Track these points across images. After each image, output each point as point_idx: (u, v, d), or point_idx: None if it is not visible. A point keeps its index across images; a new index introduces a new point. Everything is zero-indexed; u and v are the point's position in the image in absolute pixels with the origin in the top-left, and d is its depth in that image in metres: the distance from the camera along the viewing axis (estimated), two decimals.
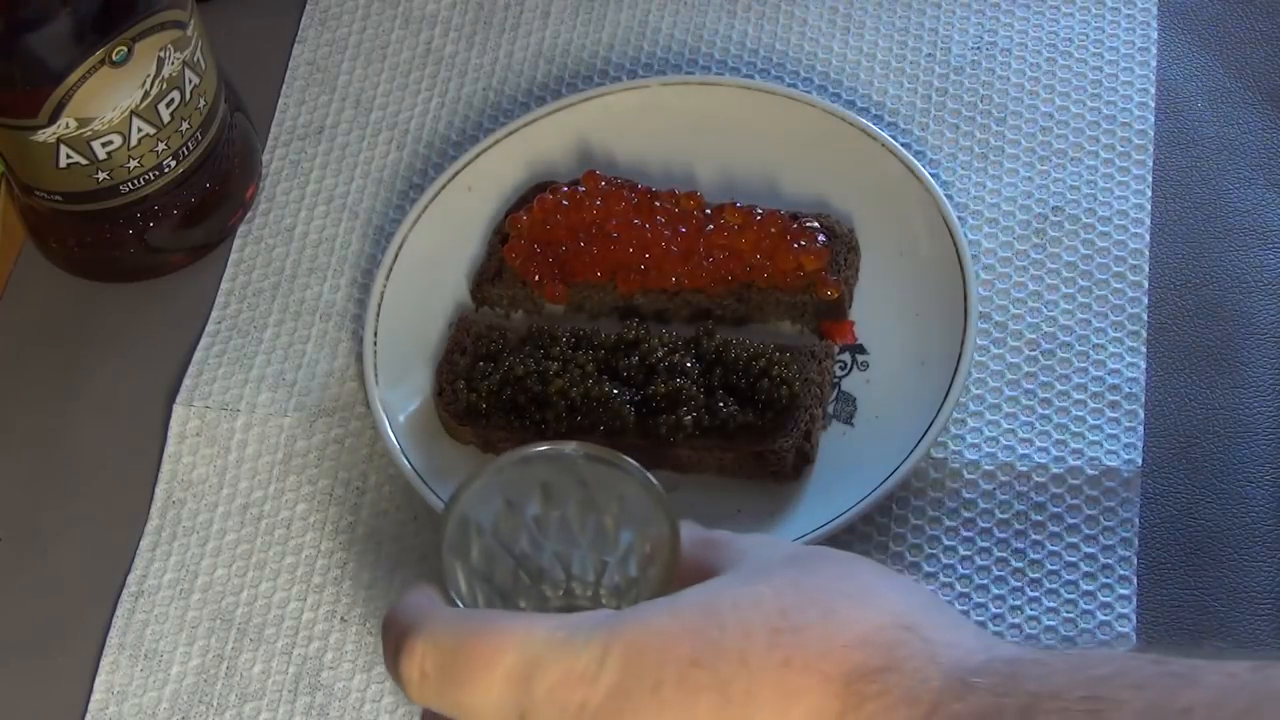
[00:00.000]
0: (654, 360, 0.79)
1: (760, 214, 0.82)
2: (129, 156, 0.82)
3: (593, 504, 0.63)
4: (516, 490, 0.63)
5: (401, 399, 0.81)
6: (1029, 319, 0.83)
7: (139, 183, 0.84)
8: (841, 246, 0.83)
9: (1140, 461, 0.78)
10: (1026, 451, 0.79)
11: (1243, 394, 0.80)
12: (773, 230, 0.82)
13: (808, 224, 0.82)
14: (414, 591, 0.58)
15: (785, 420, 0.77)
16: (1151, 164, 0.87)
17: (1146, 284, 0.83)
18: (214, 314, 0.87)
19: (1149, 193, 0.86)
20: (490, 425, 0.79)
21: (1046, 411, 0.80)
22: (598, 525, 0.64)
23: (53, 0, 0.76)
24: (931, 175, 0.85)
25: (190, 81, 0.83)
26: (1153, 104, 0.89)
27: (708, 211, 0.83)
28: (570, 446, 0.60)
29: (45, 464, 0.84)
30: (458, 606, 0.61)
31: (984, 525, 0.77)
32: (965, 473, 0.78)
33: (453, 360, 0.82)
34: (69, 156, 0.81)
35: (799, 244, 0.81)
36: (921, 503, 0.78)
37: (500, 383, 0.79)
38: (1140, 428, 0.79)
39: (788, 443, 0.77)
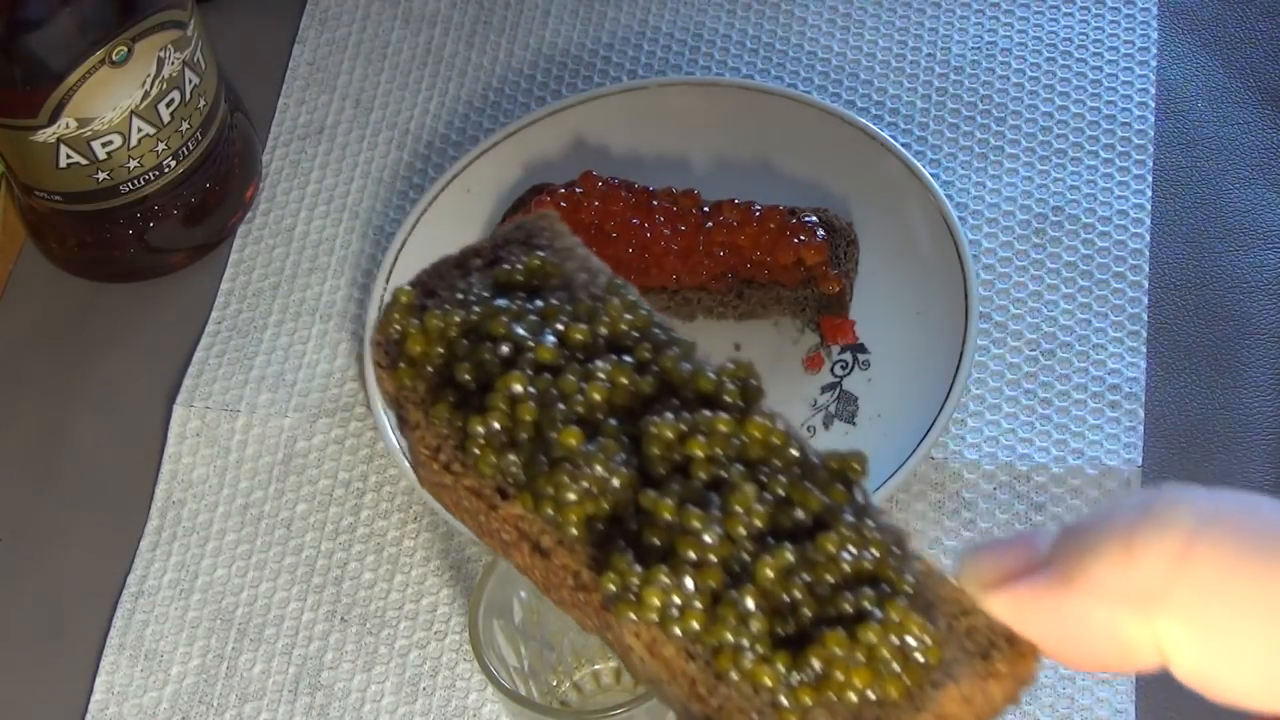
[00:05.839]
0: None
1: (759, 210, 0.82)
2: (129, 156, 0.82)
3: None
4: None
5: None
6: (1029, 319, 0.83)
7: (139, 183, 0.84)
8: (841, 240, 0.83)
9: (1140, 461, 0.78)
10: (1026, 451, 0.79)
11: (1243, 394, 0.80)
12: (772, 226, 0.82)
13: (806, 218, 0.82)
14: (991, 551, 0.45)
15: None
16: (1151, 164, 0.87)
17: (1146, 284, 0.83)
18: (214, 314, 0.87)
19: (1149, 193, 0.86)
20: None
21: (1046, 411, 0.80)
22: None
23: (53, 0, 0.76)
24: (931, 175, 0.85)
25: (190, 81, 0.83)
26: (1153, 104, 0.89)
27: (706, 209, 0.83)
28: None
29: (45, 464, 0.84)
30: (493, 669, 0.64)
31: (984, 525, 0.77)
32: (965, 473, 0.78)
33: None
34: (69, 156, 0.81)
35: (798, 239, 0.81)
36: (921, 503, 0.78)
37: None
38: (1140, 428, 0.79)
39: None
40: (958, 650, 0.41)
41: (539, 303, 0.46)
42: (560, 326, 0.45)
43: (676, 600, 0.41)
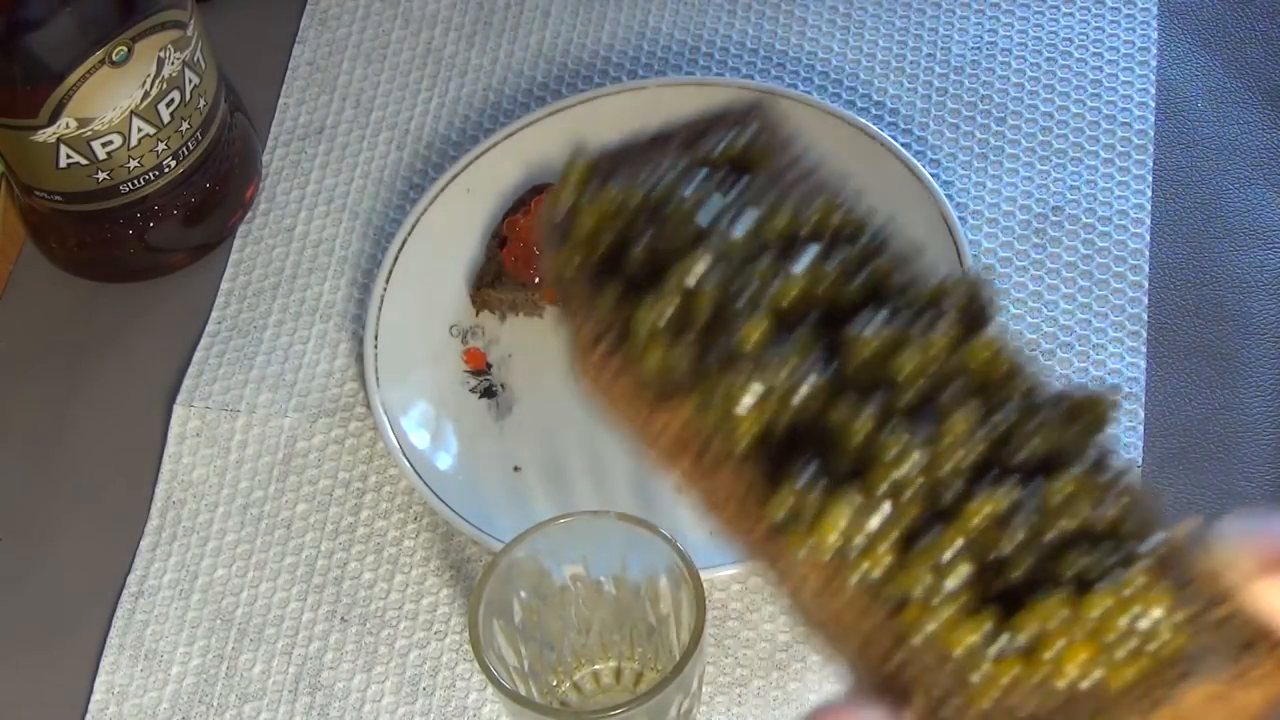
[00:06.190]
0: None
1: None
2: (129, 156, 0.82)
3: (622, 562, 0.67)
4: (556, 552, 0.67)
5: (401, 399, 0.81)
6: (1029, 319, 0.83)
7: (139, 183, 0.84)
8: None
9: (1140, 461, 0.78)
10: None
11: (1243, 394, 0.80)
12: None
13: None
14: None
15: None
16: (1151, 164, 0.87)
17: (1146, 284, 0.83)
18: (214, 314, 0.87)
19: (1149, 193, 0.86)
20: None
21: None
22: (627, 581, 0.67)
23: (53, 0, 0.76)
24: (931, 175, 0.85)
25: (190, 81, 0.83)
26: (1153, 104, 0.89)
27: None
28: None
29: (45, 464, 0.84)
30: (493, 669, 0.65)
31: None
32: None
33: None
34: (69, 156, 0.81)
35: None
36: None
37: None
38: (1140, 428, 0.79)
39: None
40: (1207, 641, 0.33)
41: (739, 185, 0.38)
42: (759, 212, 0.37)
43: (860, 537, 0.33)
